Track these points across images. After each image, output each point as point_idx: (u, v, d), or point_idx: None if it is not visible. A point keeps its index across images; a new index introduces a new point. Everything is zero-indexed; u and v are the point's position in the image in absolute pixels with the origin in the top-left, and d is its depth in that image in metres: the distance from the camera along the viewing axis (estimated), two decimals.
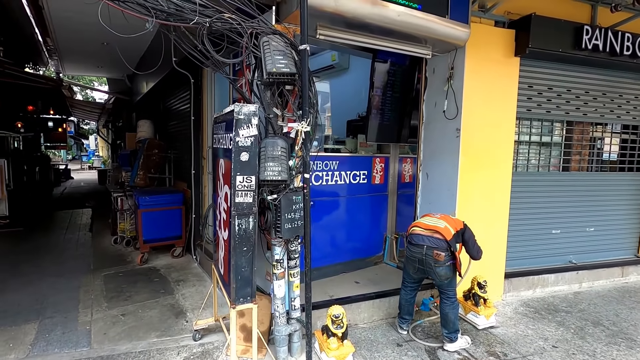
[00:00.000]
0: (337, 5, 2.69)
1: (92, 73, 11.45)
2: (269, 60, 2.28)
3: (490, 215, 3.91)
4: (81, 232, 7.12)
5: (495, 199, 3.93)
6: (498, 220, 3.97)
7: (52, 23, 5.26)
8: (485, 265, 3.61)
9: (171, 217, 5.33)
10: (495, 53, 3.78)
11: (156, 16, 2.15)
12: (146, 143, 6.13)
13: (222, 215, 2.72)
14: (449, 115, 3.71)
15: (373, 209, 4.41)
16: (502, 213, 3.99)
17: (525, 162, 4.32)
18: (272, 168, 2.38)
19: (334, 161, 3.95)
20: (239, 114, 2.28)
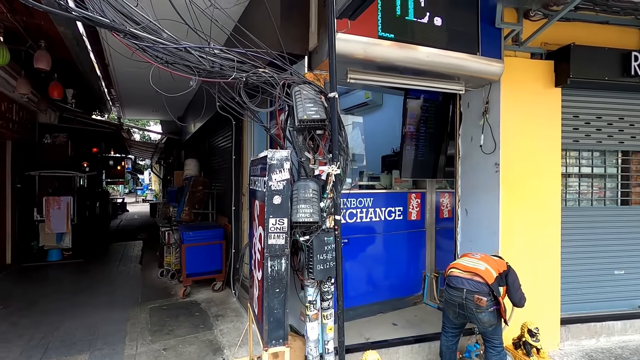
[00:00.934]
0: (366, 52, 2.81)
1: (148, 116, 12.63)
2: (300, 108, 2.41)
3: (539, 255, 3.63)
4: (132, 264, 7.58)
5: (544, 237, 3.67)
6: (548, 260, 3.67)
7: (115, 77, 5.97)
8: (537, 310, 3.32)
9: (212, 252, 5.53)
10: (534, 85, 3.67)
11: (199, 74, 2.38)
12: (192, 180, 6.53)
13: (256, 255, 2.80)
14: (486, 149, 3.61)
15: (410, 246, 4.28)
16: (553, 252, 3.70)
17: (577, 196, 4.03)
18: (304, 210, 2.44)
19: (368, 197, 3.95)
20: (272, 159, 2.40)
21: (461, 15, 3.17)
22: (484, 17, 3.27)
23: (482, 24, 3.27)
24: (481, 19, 3.25)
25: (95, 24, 2.18)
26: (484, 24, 3.27)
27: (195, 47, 2.31)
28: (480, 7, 3.26)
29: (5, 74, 5.24)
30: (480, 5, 3.26)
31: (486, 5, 3.29)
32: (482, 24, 3.27)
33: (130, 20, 2.26)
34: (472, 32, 3.23)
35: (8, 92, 5.91)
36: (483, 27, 3.27)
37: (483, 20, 3.27)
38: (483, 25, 3.27)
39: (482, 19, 3.26)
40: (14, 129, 6.42)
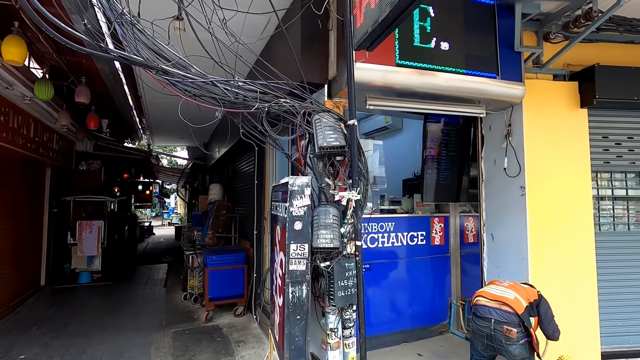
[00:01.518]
0: (384, 80, 2.87)
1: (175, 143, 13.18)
2: (320, 135, 2.48)
3: (573, 283, 3.44)
4: (157, 287, 7.72)
5: (577, 263, 3.48)
6: (584, 289, 3.47)
7: (146, 107, 6.33)
8: (574, 343, 3.12)
9: (235, 276, 5.57)
10: (558, 107, 3.61)
11: (224, 105, 2.51)
12: (216, 205, 6.69)
13: (277, 280, 2.81)
14: (510, 172, 3.53)
15: (434, 272, 4.17)
16: (588, 280, 3.49)
17: (611, 220, 3.83)
18: (325, 236, 2.45)
19: (389, 222, 3.91)
20: (293, 185, 2.45)
21: (479, 40, 3.20)
22: (502, 41, 3.29)
23: (501, 48, 3.28)
24: (499, 43, 3.27)
25: (131, 62, 2.36)
26: (502, 48, 3.28)
27: (221, 81, 2.45)
28: (498, 32, 3.28)
29: (49, 107, 5.67)
30: (498, 30, 3.29)
31: (504, 30, 3.31)
32: (501, 48, 3.28)
33: (162, 57, 2.44)
34: (490, 57, 3.25)
35: (50, 124, 6.37)
36: (502, 51, 3.28)
37: (501, 45, 3.28)
38: (502, 49, 3.28)
39: (501, 43, 3.28)
40: (54, 157, 6.86)
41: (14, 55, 3.47)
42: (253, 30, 3.55)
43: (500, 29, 3.28)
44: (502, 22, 3.28)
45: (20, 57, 3.55)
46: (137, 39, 2.37)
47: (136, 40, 2.37)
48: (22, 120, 5.33)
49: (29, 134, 5.63)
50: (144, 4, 2.88)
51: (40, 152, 6.15)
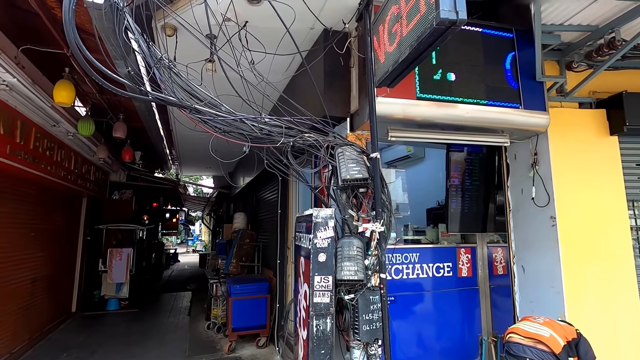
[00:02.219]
0: (405, 112, 2.94)
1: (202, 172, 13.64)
2: (343, 168, 2.54)
3: (614, 321, 3.22)
4: (181, 315, 7.78)
5: (618, 298, 3.27)
6: (626, 327, 3.24)
7: (177, 140, 6.67)
8: None
9: (258, 306, 5.55)
10: (586, 134, 3.53)
11: (251, 140, 2.63)
12: (240, 233, 6.80)
13: (301, 313, 2.80)
14: (539, 202, 3.43)
15: (463, 305, 4.01)
16: (631, 317, 3.26)
17: None
18: (349, 268, 2.45)
19: (414, 253, 3.84)
20: (317, 217, 2.50)
21: (499, 71, 3.24)
22: (524, 71, 3.30)
23: (522, 78, 3.29)
24: (520, 73, 3.29)
25: (167, 103, 2.55)
26: (524, 78, 3.30)
27: (249, 118, 2.59)
28: (518, 63, 3.31)
29: (88, 141, 6.09)
30: (518, 61, 3.31)
31: (525, 60, 3.33)
32: (522, 78, 3.29)
33: (195, 97, 2.62)
34: (512, 87, 3.26)
35: (89, 157, 6.81)
36: (523, 80, 3.29)
37: (523, 75, 3.30)
38: (523, 79, 3.29)
39: (522, 73, 3.29)
40: (90, 187, 7.27)
41: (63, 97, 3.82)
42: (278, 68, 3.76)
43: (520, 59, 3.31)
44: (522, 53, 3.31)
45: (69, 99, 3.90)
46: (173, 81, 2.57)
47: (172, 83, 2.57)
48: (64, 154, 5.74)
49: (69, 167, 6.02)
50: (179, 49, 3.15)
51: (78, 183, 6.55)
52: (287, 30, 2.62)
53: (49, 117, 4.63)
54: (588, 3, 2.95)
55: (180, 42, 3.20)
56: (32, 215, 5.54)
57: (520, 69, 3.31)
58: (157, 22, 3.11)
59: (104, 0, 2.52)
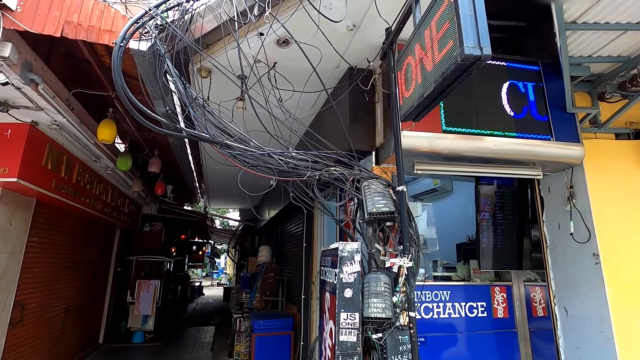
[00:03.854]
0: (431, 146, 2.93)
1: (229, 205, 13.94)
2: (369, 201, 2.53)
3: None
4: (204, 350, 7.66)
5: None
6: None
7: (206, 174, 6.91)
8: None
9: (281, 343, 5.40)
10: (626, 166, 3.36)
11: (278, 174, 2.69)
12: (264, 267, 6.77)
13: (326, 352, 2.69)
14: (578, 238, 3.23)
15: (500, 350, 3.71)
16: None
17: None
18: (376, 305, 2.36)
19: (444, 290, 3.66)
20: (343, 251, 2.46)
21: (527, 103, 3.19)
22: (553, 102, 3.24)
23: (552, 109, 3.22)
24: (550, 105, 3.23)
25: (200, 139, 2.69)
26: (554, 109, 3.23)
27: (277, 152, 2.67)
28: (547, 94, 3.26)
29: (125, 176, 6.44)
30: (546, 93, 3.27)
31: (554, 92, 3.27)
32: (552, 110, 3.22)
33: (226, 133, 2.75)
34: (542, 119, 3.20)
35: (124, 190, 7.16)
36: (553, 112, 3.22)
37: (552, 106, 3.23)
38: (553, 110, 3.23)
39: (551, 105, 3.23)
40: (124, 219, 7.57)
41: (106, 135, 4.12)
42: (304, 105, 3.90)
43: (549, 91, 3.27)
44: (551, 85, 3.27)
45: (111, 137, 4.20)
46: (206, 118, 2.72)
47: (205, 120, 2.72)
48: (102, 187, 6.07)
49: (106, 200, 6.34)
50: (213, 89, 3.35)
51: (113, 215, 6.85)
52: (314, 70, 2.74)
53: (91, 153, 4.96)
54: (616, 36, 2.92)
55: (213, 82, 3.42)
56: (69, 246, 5.80)
57: (550, 100, 3.25)
58: (194, 66, 3.34)
59: (147, 48, 2.77)
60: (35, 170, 3.94)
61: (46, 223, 5.00)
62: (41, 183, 4.06)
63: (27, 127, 3.76)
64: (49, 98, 3.35)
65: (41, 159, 4.04)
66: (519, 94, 3.19)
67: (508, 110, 3.11)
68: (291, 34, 2.68)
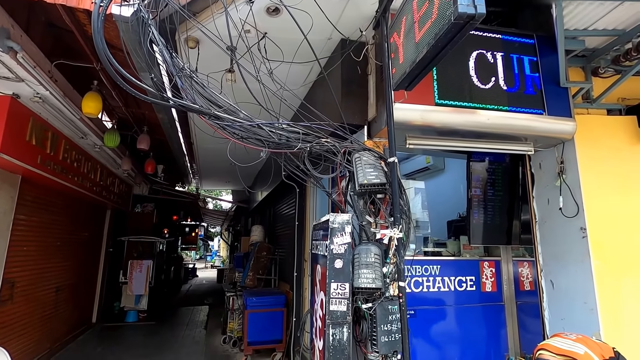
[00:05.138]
0: (424, 119, 2.90)
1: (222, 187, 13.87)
2: (360, 173, 2.50)
3: None
4: (198, 328, 7.74)
5: None
6: None
7: (198, 153, 6.82)
8: None
9: (274, 319, 5.47)
10: (616, 142, 3.37)
11: (268, 146, 2.65)
12: (257, 246, 6.79)
13: (317, 322, 2.72)
14: (567, 212, 3.27)
15: (488, 322, 3.80)
16: None
17: None
18: (366, 275, 2.38)
19: (434, 265, 3.71)
20: (334, 222, 2.45)
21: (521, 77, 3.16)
22: (547, 77, 3.22)
23: (546, 84, 3.20)
24: (544, 79, 3.20)
25: (188, 109, 2.62)
26: (547, 84, 3.21)
27: (266, 124, 2.61)
28: (541, 68, 3.23)
29: (114, 154, 6.32)
30: (541, 67, 3.23)
31: (548, 66, 3.24)
32: (546, 84, 3.20)
33: (214, 104, 2.68)
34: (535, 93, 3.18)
35: (113, 169, 7.05)
36: (547, 87, 3.20)
37: (546, 81, 3.21)
38: (547, 85, 3.20)
39: (545, 80, 3.21)
40: (114, 200, 7.49)
41: (91, 108, 4.00)
42: (297, 78, 3.81)
43: (543, 65, 3.23)
44: (545, 59, 3.24)
45: (97, 110, 4.08)
46: (194, 89, 2.64)
47: (193, 91, 2.64)
48: (90, 165, 5.96)
49: (95, 179, 6.24)
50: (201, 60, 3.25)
51: (103, 195, 6.75)
52: (305, 38, 2.66)
53: (77, 129, 4.84)
54: (613, 6, 2.87)
55: (202, 54, 3.31)
56: (59, 225, 5.72)
57: (544, 74, 3.23)
58: (181, 35, 3.23)
59: (131, 14, 2.65)
60: (18, 145, 3.83)
61: (34, 201, 4.91)
62: (25, 158, 3.96)
63: (9, 100, 3.63)
64: (30, 68, 3.22)
65: (24, 133, 3.92)
66: (513, 67, 3.15)
67: (502, 84, 3.08)
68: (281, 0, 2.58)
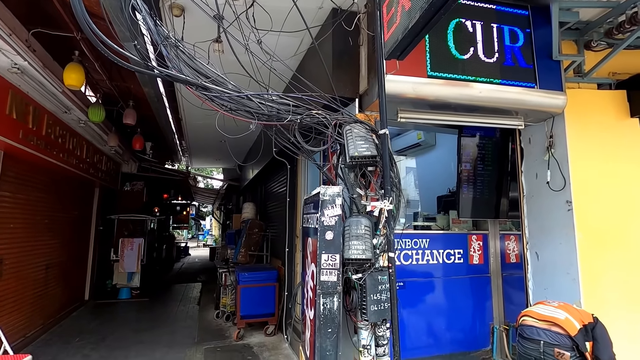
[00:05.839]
0: (416, 91, 2.87)
1: (212, 165, 13.73)
2: (351, 145, 2.48)
3: (632, 307, 3.11)
4: (191, 304, 7.84)
5: (636, 285, 3.15)
6: None
7: (186, 130, 6.69)
8: None
9: (266, 294, 5.55)
10: (605, 116, 3.40)
11: (258, 118, 2.60)
12: (248, 223, 6.80)
13: (308, 293, 2.76)
14: (554, 186, 3.32)
15: (474, 293, 3.92)
16: None
17: None
18: (356, 247, 2.40)
19: (423, 239, 3.77)
20: (324, 195, 2.45)
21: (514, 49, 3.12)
22: (540, 50, 3.19)
23: (538, 57, 3.18)
24: (536, 52, 3.17)
25: (174, 79, 2.53)
26: (540, 57, 3.18)
27: (255, 95, 2.55)
28: (534, 41, 3.19)
29: (99, 130, 6.16)
30: (534, 39, 3.20)
31: (541, 38, 3.21)
32: (538, 57, 3.18)
33: (202, 75, 2.59)
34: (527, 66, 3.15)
35: (100, 146, 6.89)
36: (539, 60, 3.17)
37: (539, 54, 3.18)
38: (539, 58, 3.18)
39: (538, 52, 3.18)
40: (102, 177, 7.37)
41: (73, 80, 3.85)
42: (287, 49, 3.71)
43: (536, 37, 3.20)
44: (538, 31, 3.19)
45: (79, 82, 3.92)
46: (180, 59, 2.55)
47: (179, 60, 2.54)
48: (76, 142, 5.81)
49: (81, 155, 6.10)
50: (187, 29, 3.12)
51: (90, 172, 6.63)
52: (295, 4, 2.57)
53: (60, 103, 4.68)
54: None
55: (187, 22, 3.18)
56: (46, 202, 5.63)
57: (536, 47, 3.19)
58: (165, 2, 3.09)
59: None
60: None
61: (18, 178, 4.79)
62: (6, 133, 3.83)
63: None
64: (5, 36, 3.07)
65: (4, 106, 3.77)
66: (506, 39, 3.10)
67: (495, 56, 3.04)
68: None
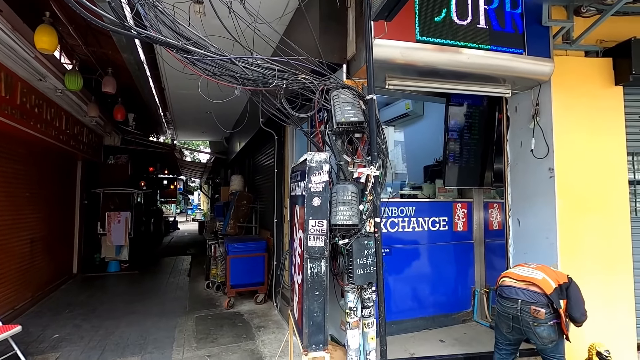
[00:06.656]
0: (404, 57, 2.81)
1: (198, 138, 13.48)
2: (338, 111, 2.45)
3: (606, 271, 3.27)
4: (181, 276, 7.92)
5: (611, 250, 3.30)
6: (618, 277, 3.29)
7: (170, 100, 6.48)
8: (607, 332, 2.96)
9: (255, 264, 5.63)
10: (590, 84, 3.43)
11: (243, 83, 2.53)
12: (237, 195, 6.79)
13: (296, 259, 2.81)
14: (538, 154, 3.38)
15: (458, 259, 4.06)
16: (623, 267, 3.31)
17: None
18: (343, 212, 2.43)
19: (409, 207, 3.84)
20: (311, 161, 2.44)
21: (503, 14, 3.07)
22: (529, 15, 3.14)
23: (528, 23, 3.14)
24: (526, 17, 3.13)
25: (154, 41, 2.42)
26: (529, 23, 3.14)
27: (239, 58, 2.47)
28: (524, 5, 3.14)
29: (78, 100, 5.91)
30: (524, 3, 3.14)
31: (531, 2, 3.16)
32: (528, 23, 3.14)
33: (182, 37, 2.48)
34: (516, 31, 3.11)
35: (80, 117, 6.65)
36: (529, 25, 3.14)
37: (528, 20, 3.14)
38: (528, 24, 3.14)
39: (527, 18, 3.14)
40: (84, 150, 7.16)
41: (45, 43, 3.63)
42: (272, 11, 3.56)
43: (526, 2, 3.14)
44: None
45: (51, 46, 3.71)
46: (159, 19, 2.42)
47: (158, 21, 2.42)
48: (54, 112, 5.58)
49: (60, 126, 5.88)
50: None
51: (71, 144, 6.43)
52: None
53: (34, 69, 4.44)
54: None
55: None
56: (25, 175, 5.46)
57: (526, 12, 3.15)
58: None
59: None
60: None
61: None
62: None
63: None
64: None
65: None
66: (495, 3, 3.04)
67: (483, 20, 2.98)
68: None
